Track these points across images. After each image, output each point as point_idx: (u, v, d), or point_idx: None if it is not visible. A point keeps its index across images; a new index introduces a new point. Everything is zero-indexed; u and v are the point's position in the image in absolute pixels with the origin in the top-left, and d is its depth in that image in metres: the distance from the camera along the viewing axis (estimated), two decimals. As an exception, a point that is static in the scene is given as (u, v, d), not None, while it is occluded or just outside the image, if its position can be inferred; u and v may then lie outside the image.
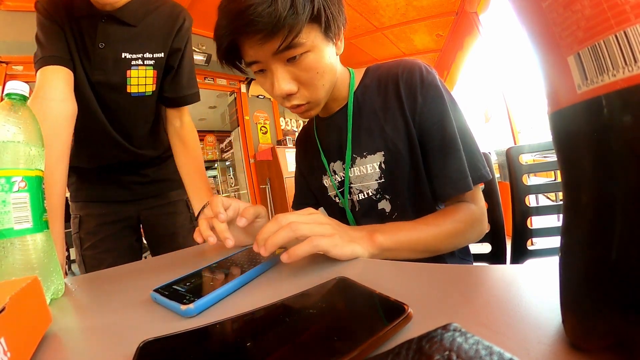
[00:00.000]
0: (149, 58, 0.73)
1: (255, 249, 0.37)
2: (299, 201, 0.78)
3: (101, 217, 0.84)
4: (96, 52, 0.68)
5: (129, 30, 0.69)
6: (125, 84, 0.72)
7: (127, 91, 0.73)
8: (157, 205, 0.91)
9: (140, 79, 0.73)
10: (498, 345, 0.13)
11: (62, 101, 0.63)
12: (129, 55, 0.70)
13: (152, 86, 0.76)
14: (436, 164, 0.54)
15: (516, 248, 0.76)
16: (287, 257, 0.34)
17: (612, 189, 0.13)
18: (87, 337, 0.27)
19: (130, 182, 0.87)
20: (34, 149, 0.37)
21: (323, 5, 0.45)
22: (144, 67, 0.73)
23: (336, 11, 0.48)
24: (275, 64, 0.47)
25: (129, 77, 0.72)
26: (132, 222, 0.90)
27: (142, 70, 0.73)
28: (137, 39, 0.71)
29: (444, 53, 3.96)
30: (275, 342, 0.19)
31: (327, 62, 0.50)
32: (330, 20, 0.47)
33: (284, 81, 0.48)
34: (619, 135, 0.12)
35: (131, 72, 0.72)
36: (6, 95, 0.37)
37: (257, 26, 0.42)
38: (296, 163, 0.80)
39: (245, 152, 3.80)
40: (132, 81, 0.73)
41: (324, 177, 0.67)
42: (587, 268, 0.14)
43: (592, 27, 0.12)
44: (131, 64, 0.71)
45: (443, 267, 0.29)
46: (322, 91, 0.52)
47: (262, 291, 0.31)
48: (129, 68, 0.71)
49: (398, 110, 0.56)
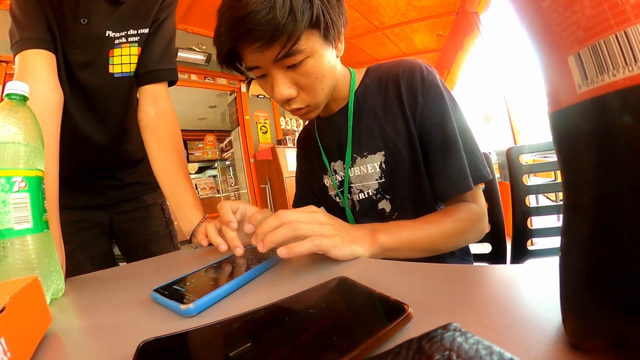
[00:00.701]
0: (134, 35, 0.65)
1: (253, 241, 0.37)
2: (299, 200, 0.77)
3: (72, 224, 0.75)
4: (77, 29, 0.60)
5: (114, 7, 0.62)
6: (107, 63, 0.65)
7: (110, 72, 0.65)
8: (130, 210, 0.84)
9: (124, 57, 0.65)
10: (498, 345, 0.13)
11: (48, 90, 0.57)
12: (112, 33, 0.63)
13: (136, 65, 0.68)
14: (437, 163, 0.54)
15: (516, 248, 0.76)
16: (286, 252, 0.34)
17: (613, 189, 0.13)
18: (87, 337, 0.27)
19: (103, 187, 0.79)
20: (34, 149, 0.37)
21: (322, 10, 0.45)
22: (128, 44, 0.65)
23: (336, 15, 0.48)
24: (275, 70, 0.48)
25: (112, 56, 0.64)
26: (106, 228, 0.82)
27: (125, 48, 0.65)
28: (122, 15, 0.64)
29: (444, 53, 3.96)
30: (275, 342, 0.19)
31: (327, 66, 0.50)
32: (330, 25, 0.47)
33: (284, 86, 0.49)
34: (619, 135, 0.12)
35: (114, 51, 0.64)
36: (6, 96, 0.37)
37: (255, 34, 0.42)
38: (297, 162, 0.80)
39: (245, 151, 3.80)
40: (115, 60, 0.65)
41: (325, 177, 0.67)
42: (587, 268, 0.14)
43: (593, 26, 0.12)
44: (114, 43, 0.64)
45: (443, 267, 0.29)
46: (322, 95, 0.52)
47: (262, 291, 0.31)
48: (113, 47, 0.64)
49: (398, 110, 0.56)
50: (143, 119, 0.67)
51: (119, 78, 0.67)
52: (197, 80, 3.38)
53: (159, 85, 0.69)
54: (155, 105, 0.68)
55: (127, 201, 0.83)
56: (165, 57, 0.69)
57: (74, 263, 0.75)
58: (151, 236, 0.85)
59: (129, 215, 0.84)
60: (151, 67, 0.67)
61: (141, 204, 0.85)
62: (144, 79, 0.68)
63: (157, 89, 0.69)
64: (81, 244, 0.76)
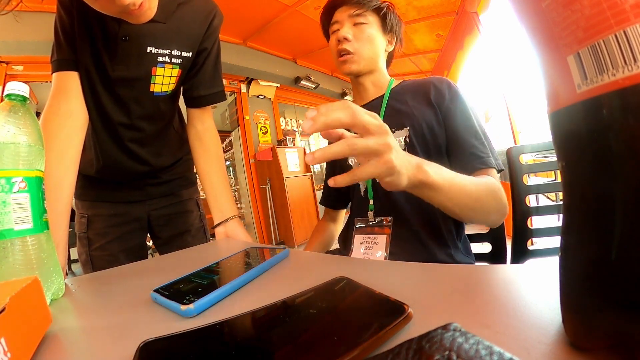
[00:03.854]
0: (177, 56, 0.68)
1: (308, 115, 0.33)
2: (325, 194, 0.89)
3: (111, 218, 0.80)
4: (119, 46, 0.63)
5: (156, 25, 0.64)
6: (149, 81, 0.68)
7: (150, 90, 0.69)
8: (167, 205, 0.87)
9: (165, 77, 0.69)
10: (498, 345, 0.13)
11: (80, 108, 0.64)
12: (154, 50, 0.65)
13: (173, 85, 0.72)
14: (465, 142, 0.61)
15: (516, 248, 0.76)
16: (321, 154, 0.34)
17: (612, 189, 0.13)
18: (87, 337, 0.27)
19: (143, 184, 0.83)
20: (34, 150, 0.37)
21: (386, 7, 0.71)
22: (171, 65, 0.68)
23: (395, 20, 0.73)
24: (347, 22, 0.70)
25: (154, 74, 0.67)
26: (143, 223, 0.86)
27: (168, 69, 0.68)
28: (164, 34, 0.66)
29: (444, 53, 3.96)
30: (275, 342, 0.19)
31: (376, 41, 0.70)
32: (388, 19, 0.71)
33: (348, 30, 0.70)
34: (618, 135, 0.12)
35: (157, 70, 0.67)
36: (6, 96, 0.37)
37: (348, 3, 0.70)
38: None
39: (246, 152, 3.80)
40: (157, 80, 0.68)
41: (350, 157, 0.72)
42: (587, 268, 0.14)
43: (592, 26, 0.12)
44: (157, 60, 0.66)
45: (443, 267, 0.29)
46: (365, 51, 0.69)
47: (262, 291, 0.31)
48: (155, 65, 0.67)
49: (426, 101, 0.67)
50: (192, 133, 0.78)
51: (157, 97, 0.71)
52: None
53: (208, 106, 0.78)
54: (202, 121, 0.78)
55: (165, 196, 0.87)
56: (215, 81, 0.77)
57: (109, 254, 0.79)
58: (187, 228, 0.89)
59: (166, 210, 0.87)
60: (202, 93, 0.75)
61: (178, 199, 0.89)
62: (196, 102, 0.76)
63: (206, 108, 0.79)
64: (118, 237, 0.81)
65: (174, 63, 0.68)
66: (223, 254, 0.45)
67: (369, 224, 0.66)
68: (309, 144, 5.01)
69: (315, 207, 3.88)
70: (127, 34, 0.63)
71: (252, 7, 2.77)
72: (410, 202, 0.63)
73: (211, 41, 0.73)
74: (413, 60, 4.26)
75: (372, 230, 0.64)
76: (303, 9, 2.85)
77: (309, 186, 3.89)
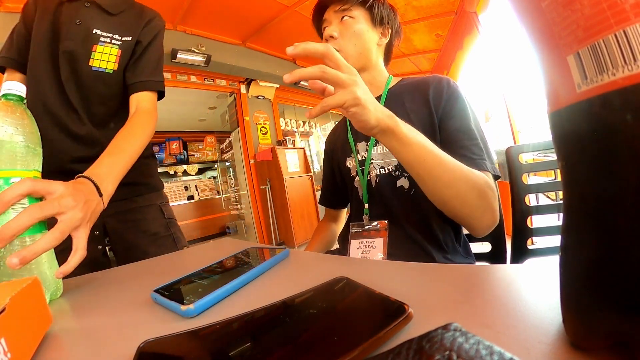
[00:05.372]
0: (117, 39, 0.77)
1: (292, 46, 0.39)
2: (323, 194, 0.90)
3: None
4: (71, 26, 0.73)
5: (107, 16, 0.77)
6: (89, 57, 0.75)
7: (89, 64, 0.75)
8: (123, 211, 0.80)
9: (104, 54, 0.76)
10: (498, 344, 0.13)
11: None
12: (99, 31, 0.75)
13: (113, 64, 0.77)
14: (459, 142, 0.59)
15: (516, 247, 0.76)
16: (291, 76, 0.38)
17: (612, 188, 0.13)
18: (87, 337, 0.27)
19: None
20: (31, 150, 0.37)
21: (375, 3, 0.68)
22: (110, 44, 0.77)
23: (387, 12, 0.70)
24: (334, 19, 0.69)
25: (94, 51, 0.75)
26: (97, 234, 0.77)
27: (107, 47, 0.76)
28: (110, 23, 0.77)
29: (443, 53, 3.96)
30: (275, 342, 0.19)
31: (364, 35, 0.67)
32: (377, 12, 0.68)
33: (333, 28, 0.69)
34: (618, 134, 0.12)
35: (97, 47, 0.76)
36: (3, 96, 0.37)
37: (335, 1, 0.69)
38: (325, 157, 0.88)
39: (245, 152, 3.79)
40: (96, 55, 0.76)
41: (349, 159, 0.75)
42: (587, 267, 0.14)
43: (592, 26, 0.12)
44: (99, 40, 0.76)
45: (443, 267, 0.29)
46: (352, 48, 0.67)
47: (262, 291, 0.31)
48: (97, 43, 0.75)
49: (424, 103, 0.65)
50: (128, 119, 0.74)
51: (96, 72, 0.76)
52: (197, 82, 3.37)
53: (146, 93, 0.79)
54: (136, 106, 0.76)
55: (120, 201, 0.78)
56: (154, 72, 0.80)
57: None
58: (149, 238, 0.82)
59: (123, 217, 0.80)
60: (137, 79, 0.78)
61: (135, 204, 0.83)
62: (131, 88, 0.78)
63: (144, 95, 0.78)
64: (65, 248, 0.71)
65: (114, 44, 0.77)
66: (223, 254, 0.45)
67: (364, 228, 0.65)
68: (309, 145, 5.01)
69: (315, 208, 3.87)
70: (80, 19, 0.74)
71: (252, 7, 2.77)
72: (405, 206, 0.63)
73: (148, 38, 0.81)
74: (412, 60, 4.26)
75: (368, 234, 0.64)
76: (302, 10, 2.85)
77: (309, 186, 3.88)
